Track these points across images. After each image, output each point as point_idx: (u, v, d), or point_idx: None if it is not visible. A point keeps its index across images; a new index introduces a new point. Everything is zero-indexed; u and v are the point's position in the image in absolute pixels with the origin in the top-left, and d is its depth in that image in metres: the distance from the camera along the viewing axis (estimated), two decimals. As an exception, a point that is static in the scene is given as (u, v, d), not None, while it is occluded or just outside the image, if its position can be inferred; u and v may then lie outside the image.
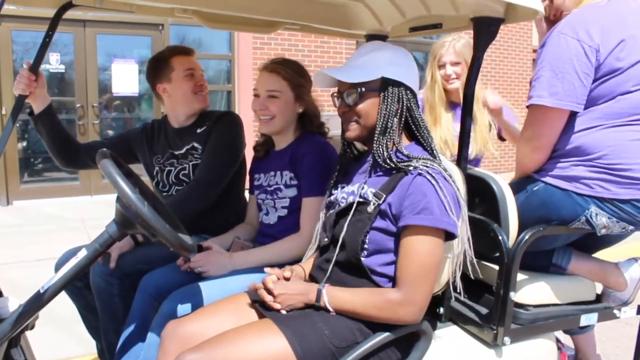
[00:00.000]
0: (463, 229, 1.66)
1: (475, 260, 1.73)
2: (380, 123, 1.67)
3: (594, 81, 1.93)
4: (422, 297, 1.59)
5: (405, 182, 1.61)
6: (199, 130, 2.51)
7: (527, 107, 2.03)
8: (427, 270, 1.58)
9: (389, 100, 1.67)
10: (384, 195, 1.63)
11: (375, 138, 1.68)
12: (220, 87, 9.04)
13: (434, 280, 1.61)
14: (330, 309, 1.63)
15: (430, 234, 1.57)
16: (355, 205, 1.68)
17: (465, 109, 1.95)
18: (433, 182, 1.57)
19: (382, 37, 2.47)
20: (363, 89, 1.69)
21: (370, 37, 2.50)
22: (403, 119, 1.70)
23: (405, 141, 1.75)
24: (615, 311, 2.21)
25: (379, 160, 1.67)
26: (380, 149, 1.67)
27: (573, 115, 1.97)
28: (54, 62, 7.85)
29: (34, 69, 2.23)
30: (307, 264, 1.90)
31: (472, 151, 2.92)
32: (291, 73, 2.19)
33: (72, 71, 8.07)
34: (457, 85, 2.98)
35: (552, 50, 1.95)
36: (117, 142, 2.71)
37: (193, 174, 2.49)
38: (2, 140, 1.96)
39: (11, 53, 7.59)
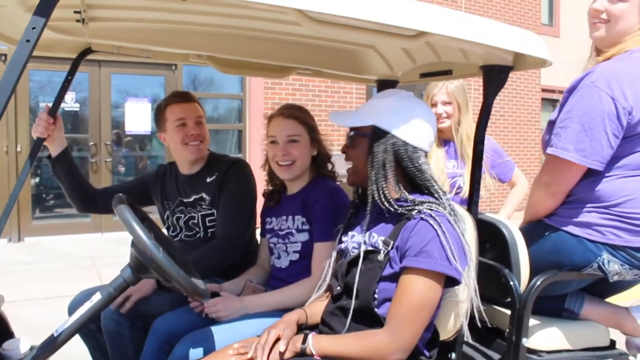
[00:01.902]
0: (469, 276, 1.64)
1: (483, 307, 1.70)
2: (369, 172, 1.68)
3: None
4: (408, 338, 1.57)
5: (409, 226, 1.61)
6: (208, 180, 2.51)
7: (547, 153, 2.01)
8: (417, 311, 1.57)
9: (374, 150, 1.67)
10: (392, 242, 1.64)
11: (369, 187, 1.69)
12: (231, 126, 9.14)
13: (423, 323, 1.59)
14: (314, 352, 1.62)
15: (427, 277, 1.56)
16: (365, 253, 1.69)
17: (476, 157, 1.98)
18: (436, 226, 1.57)
19: (393, 83, 2.52)
20: (353, 133, 1.73)
21: (381, 82, 2.55)
22: (394, 170, 1.68)
23: (408, 188, 1.72)
24: (631, 357, 2.18)
25: (383, 207, 1.68)
26: (377, 196, 1.67)
27: None
28: (68, 101, 7.97)
29: (53, 112, 2.28)
30: (311, 308, 1.89)
31: (467, 191, 2.94)
32: (306, 117, 2.23)
33: (86, 108, 8.20)
34: (447, 124, 3.02)
35: (584, 102, 1.91)
36: (134, 185, 2.75)
37: (202, 224, 2.51)
38: (19, 182, 2.01)
39: (28, 91, 7.74)
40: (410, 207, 1.64)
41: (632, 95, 1.88)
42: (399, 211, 1.65)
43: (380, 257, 1.64)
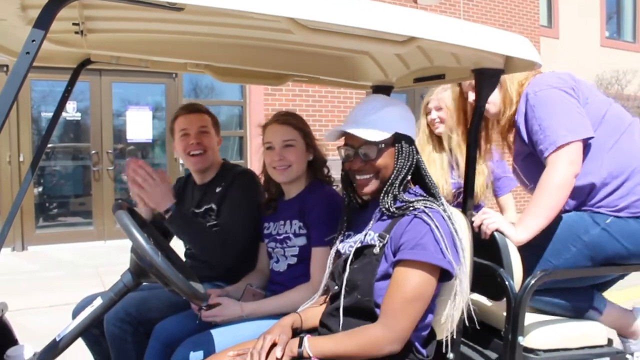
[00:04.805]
0: (462, 272, 1.68)
1: (473, 308, 1.75)
2: (394, 176, 1.74)
3: None
4: (403, 329, 1.61)
5: (404, 221, 1.67)
6: (217, 190, 2.54)
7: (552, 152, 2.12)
8: (410, 302, 1.60)
9: (403, 155, 1.75)
10: (387, 235, 1.68)
11: (385, 190, 1.74)
12: (232, 132, 9.19)
13: (416, 314, 1.63)
14: (311, 354, 1.65)
15: (422, 269, 1.60)
16: (360, 249, 1.73)
17: (469, 159, 2.00)
18: (429, 221, 1.62)
19: (388, 88, 2.55)
20: (382, 145, 1.75)
21: (376, 88, 2.58)
22: (411, 172, 1.78)
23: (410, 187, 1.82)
24: (628, 356, 2.20)
25: (385, 211, 1.73)
26: (387, 200, 1.73)
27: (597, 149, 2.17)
28: (70, 110, 8.02)
29: (52, 127, 2.28)
30: (306, 312, 1.92)
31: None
32: (300, 124, 2.27)
33: (87, 117, 8.26)
34: (442, 129, 3.08)
35: (544, 103, 2.15)
36: None
37: None
38: (21, 191, 2.03)
39: (30, 101, 7.80)
40: (405, 207, 1.69)
41: (570, 81, 2.19)
42: (393, 212, 1.70)
43: (376, 250, 1.68)
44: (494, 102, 2.29)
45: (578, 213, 2.21)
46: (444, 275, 1.65)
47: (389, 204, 1.72)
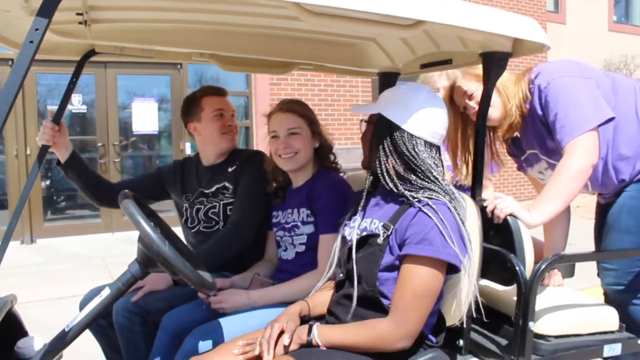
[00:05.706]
0: (469, 265, 1.66)
1: (480, 299, 1.74)
2: (375, 156, 1.72)
3: None
4: (413, 324, 1.60)
5: (410, 214, 1.64)
6: (230, 169, 2.56)
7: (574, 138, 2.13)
8: (421, 298, 1.59)
9: (377, 135, 1.72)
10: (392, 226, 1.66)
11: (377, 169, 1.73)
12: (238, 123, 9.14)
13: (427, 309, 1.62)
14: (320, 343, 1.64)
15: (429, 264, 1.58)
16: (365, 238, 1.72)
17: (478, 144, 1.99)
18: (434, 216, 1.59)
19: (395, 75, 2.53)
20: (369, 121, 1.76)
21: (383, 75, 2.56)
22: (394, 155, 1.70)
23: (407, 173, 1.73)
24: (640, 341, 2.19)
25: (387, 187, 1.71)
26: (382, 177, 1.71)
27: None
28: (76, 103, 8.01)
29: (58, 117, 2.31)
30: (314, 299, 1.91)
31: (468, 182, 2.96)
32: (305, 111, 2.26)
33: (93, 110, 8.24)
34: None
35: (561, 91, 2.15)
36: (150, 179, 2.79)
37: (224, 213, 2.54)
38: (27, 184, 2.04)
39: (36, 95, 7.79)
40: (412, 189, 1.67)
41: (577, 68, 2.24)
42: (401, 191, 1.67)
43: (380, 240, 1.67)
44: (496, 105, 2.26)
45: (634, 187, 2.29)
46: (451, 269, 1.64)
47: (390, 183, 1.70)
